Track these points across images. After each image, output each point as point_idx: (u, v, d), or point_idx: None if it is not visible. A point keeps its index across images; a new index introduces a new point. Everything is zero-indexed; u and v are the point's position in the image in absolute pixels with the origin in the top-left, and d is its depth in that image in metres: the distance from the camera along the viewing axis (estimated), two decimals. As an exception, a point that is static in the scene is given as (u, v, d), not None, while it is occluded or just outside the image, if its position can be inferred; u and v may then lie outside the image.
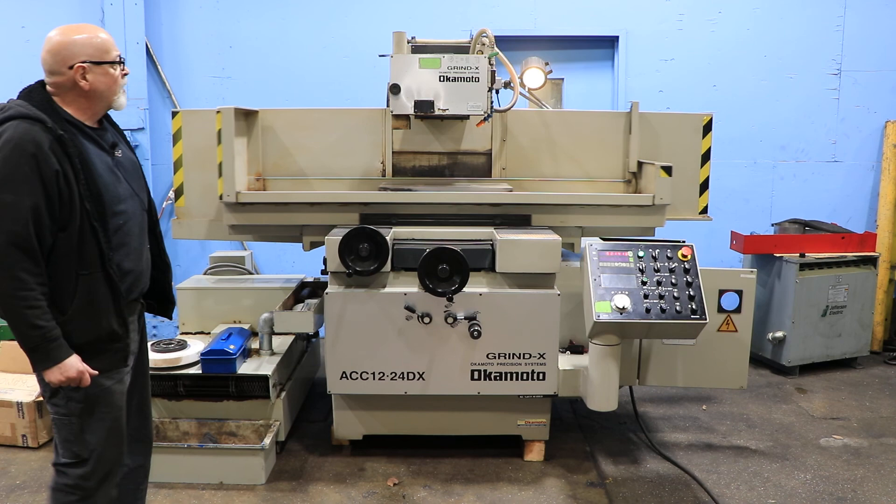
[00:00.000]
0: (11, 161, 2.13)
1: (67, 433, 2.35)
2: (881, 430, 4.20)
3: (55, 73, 2.28)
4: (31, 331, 2.19)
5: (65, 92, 2.30)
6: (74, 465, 2.36)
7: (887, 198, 5.68)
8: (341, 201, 3.74)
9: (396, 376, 3.49)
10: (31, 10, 5.80)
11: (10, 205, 2.12)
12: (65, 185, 2.18)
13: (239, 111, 3.73)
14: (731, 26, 5.79)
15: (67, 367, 2.24)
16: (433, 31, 4.61)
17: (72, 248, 2.23)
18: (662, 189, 3.70)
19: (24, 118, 2.18)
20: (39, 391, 3.80)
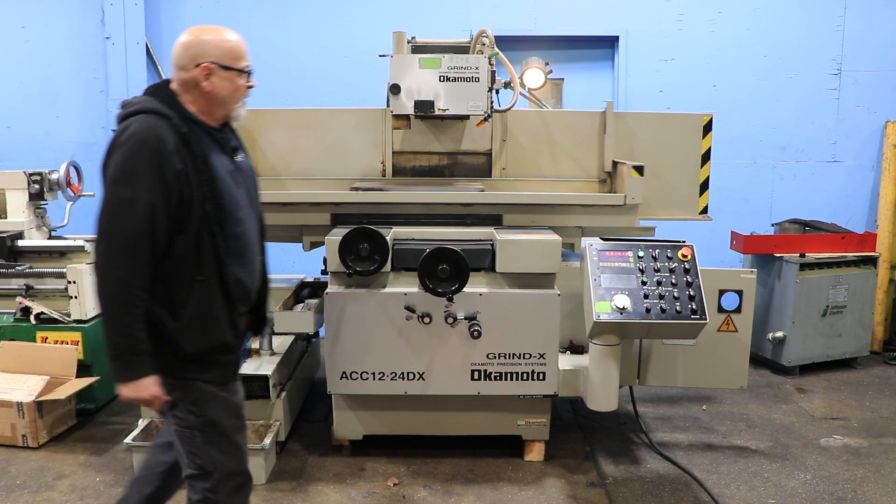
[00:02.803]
0: (134, 156, 2.06)
1: (190, 446, 2.27)
2: (881, 430, 4.20)
3: (182, 69, 2.22)
4: (121, 338, 2.09)
5: (188, 90, 2.23)
6: (200, 478, 2.28)
7: (887, 198, 5.68)
8: (314, 201, 3.73)
9: (396, 376, 3.49)
10: (31, 10, 5.80)
11: (128, 201, 2.04)
12: (186, 186, 2.10)
13: None
14: (731, 26, 5.79)
15: (143, 387, 2.12)
16: (433, 31, 4.61)
17: (189, 253, 2.14)
18: (634, 189, 3.69)
19: (150, 113, 2.12)
20: (38, 392, 3.81)
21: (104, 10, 5.67)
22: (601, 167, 4.09)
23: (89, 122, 5.87)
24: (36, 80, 5.87)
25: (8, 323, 4.23)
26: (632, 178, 3.68)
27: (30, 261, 4.38)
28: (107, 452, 3.85)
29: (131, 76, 5.69)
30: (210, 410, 2.26)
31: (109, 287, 2.06)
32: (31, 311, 4.19)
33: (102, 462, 3.74)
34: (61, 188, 4.54)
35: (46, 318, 4.18)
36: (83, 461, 3.74)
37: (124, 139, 2.08)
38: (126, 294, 2.06)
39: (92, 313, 4.27)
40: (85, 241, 4.34)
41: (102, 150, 2.17)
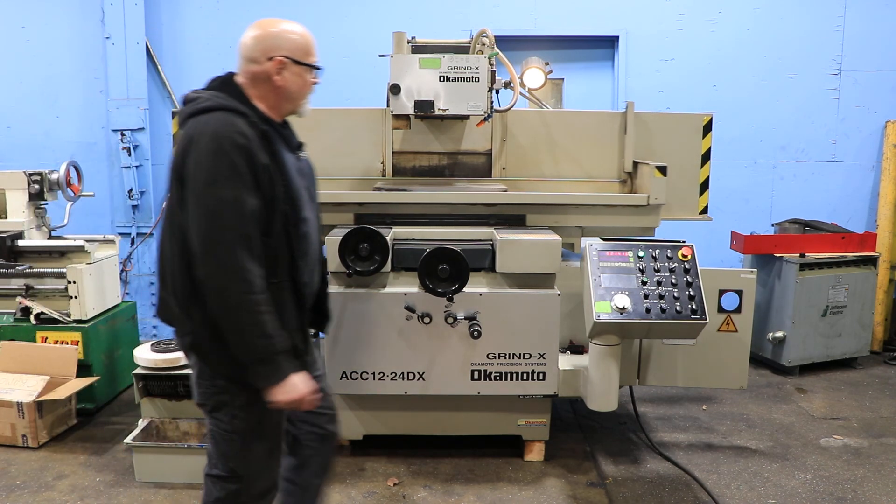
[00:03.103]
0: (223, 155, 1.96)
1: (227, 448, 2.20)
2: (881, 430, 4.20)
3: (253, 61, 2.16)
4: (262, 340, 1.99)
5: (257, 84, 2.17)
6: (229, 480, 2.22)
7: (887, 198, 5.68)
8: (337, 201, 3.73)
9: (396, 376, 3.49)
10: (31, 10, 5.80)
11: (231, 201, 1.95)
12: (270, 183, 2.04)
13: None
14: (731, 26, 5.79)
15: (294, 387, 2.06)
16: (433, 31, 4.61)
17: (268, 254, 2.07)
18: (657, 189, 3.70)
19: (225, 110, 2.05)
20: (38, 392, 3.81)
21: (104, 10, 5.67)
22: (621, 167, 4.09)
23: (89, 122, 5.87)
24: (36, 80, 5.87)
25: (8, 323, 4.23)
26: (655, 179, 3.68)
27: (30, 261, 4.38)
28: (107, 452, 3.85)
29: (131, 76, 5.69)
30: (255, 417, 2.18)
31: (235, 292, 1.96)
32: (31, 311, 4.19)
33: (102, 462, 3.74)
34: (61, 188, 4.54)
35: (46, 318, 4.18)
36: (83, 461, 3.74)
37: (207, 139, 1.98)
38: (253, 294, 1.98)
39: (92, 313, 4.28)
40: (85, 241, 4.34)
41: (102, 150, 2.16)
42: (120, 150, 5.70)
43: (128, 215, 5.81)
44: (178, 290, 2.10)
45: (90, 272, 4.26)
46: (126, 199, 5.76)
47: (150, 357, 3.67)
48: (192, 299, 2.06)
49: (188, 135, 2.03)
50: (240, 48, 2.16)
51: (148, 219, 5.85)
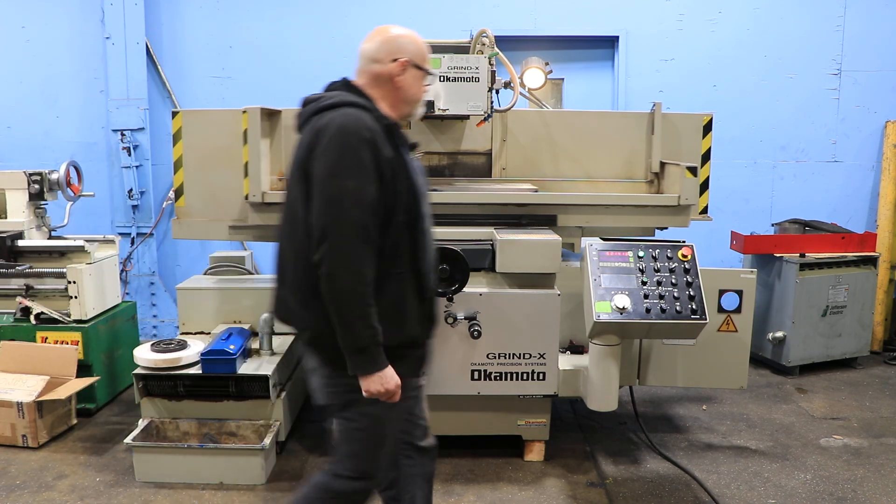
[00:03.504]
0: (349, 147, 2.02)
1: (358, 447, 2.22)
2: (881, 430, 4.20)
3: (377, 62, 2.22)
4: (367, 330, 2.02)
5: (379, 84, 2.23)
6: (356, 480, 2.23)
7: (887, 198, 5.68)
8: None
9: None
10: (31, 10, 5.81)
11: (353, 191, 2.00)
12: (396, 176, 2.10)
13: (264, 111, 3.71)
14: (731, 26, 5.79)
15: (388, 377, 2.08)
16: (433, 31, 4.59)
17: (391, 245, 2.12)
18: (688, 189, 3.68)
19: (352, 105, 2.11)
20: (38, 392, 3.81)
21: (104, 10, 5.67)
22: (648, 168, 4.08)
23: (89, 122, 5.87)
24: (36, 80, 5.87)
25: (8, 323, 4.23)
26: (685, 179, 3.67)
27: (30, 261, 4.38)
28: (107, 452, 3.85)
29: (131, 76, 5.69)
30: (384, 413, 2.20)
31: (348, 280, 2.00)
32: (31, 311, 4.19)
33: (102, 462, 3.74)
34: (61, 188, 4.54)
35: (46, 318, 4.18)
36: (83, 461, 3.74)
37: (333, 132, 2.04)
38: (364, 285, 2.02)
39: (92, 313, 4.28)
40: (85, 241, 4.34)
41: (102, 150, 2.18)
42: (120, 150, 5.70)
43: (128, 215, 5.81)
44: (298, 286, 2.15)
45: (90, 272, 4.26)
46: (126, 199, 5.76)
47: (150, 357, 3.67)
48: (313, 293, 2.08)
49: (314, 129, 2.10)
50: (362, 51, 2.25)
51: (148, 219, 5.85)
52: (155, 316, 5.95)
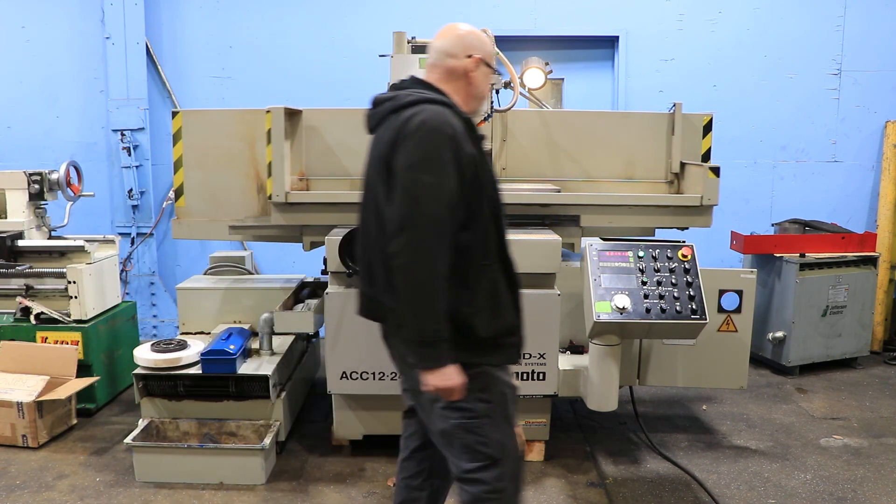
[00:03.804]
0: (431, 143, 2.04)
1: (475, 438, 2.20)
2: (881, 430, 4.20)
3: (452, 56, 2.27)
4: (434, 324, 2.03)
5: (453, 79, 2.27)
6: (487, 469, 2.20)
7: (887, 198, 5.68)
8: None
9: (396, 376, 3.47)
10: (31, 10, 5.81)
11: (431, 186, 2.01)
12: (478, 170, 2.13)
13: (287, 111, 3.70)
14: (731, 26, 5.80)
15: (451, 374, 2.08)
16: (433, 31, 4.60)
17: (479, 237, 2.15)
18: (710, 189, 3.66)
19: (433, 102, 2.13)
20: (38, 392, 3.81)
21: (104, 10, 5.67)
22: (668, 168, 4.07)
23: (89, 122, 5.87)
24: (36, 80, 5.87)
25: (8, 323, 4.23)
26: (708, 179, 3.65)
27: (30, 261, 4.39)
28: (107, 452, 3.85)
29: (131, 76, 5.69)
30: (497, 395, 2.22)
31: (420, 273, 2.01)
32: (31, 311, 4.19)
33: (102, 462, 3.74)
34: (61, 188, 4.54)
35: (46, 318, 4.18)
36: (83, 461, 3.74)
37: (415, 128, 2.06)
38: (436, 280, 2.02)
39: (92, 313, 4.28)
40: (85, 241, 4.34)
41: (102, 150, 2.18)
42: (120, 150, 5.70)
43: (128, 215, 5.81)
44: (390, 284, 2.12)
45: (90, 272, 4.26)
46: (126, 199, 5.76)
47: (150, 357, 3.68)
48: None
49: (395, 126, 2.11)
50: (436, 46, 2.31)
51: (148, 219, 5.85)
52: (155, 316, 5.95)
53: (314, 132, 3.98)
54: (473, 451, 2.21)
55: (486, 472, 2.20)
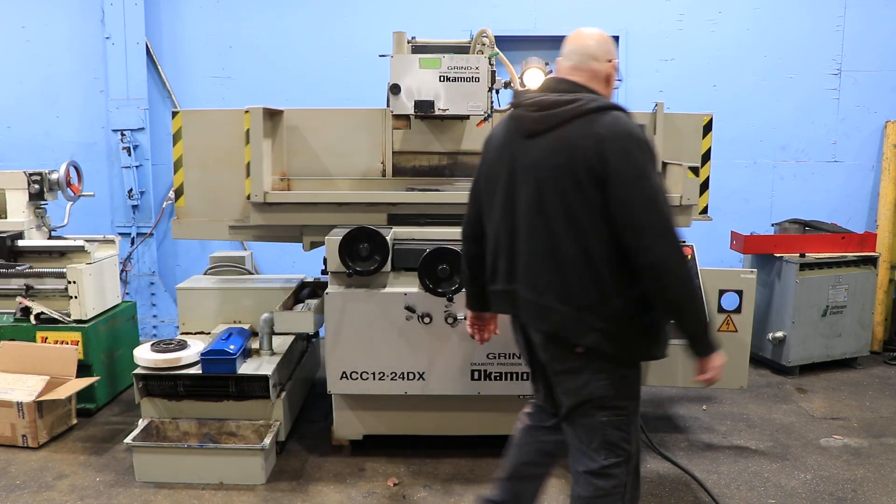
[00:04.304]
0: (644, 149, 2.13)
1: (620, 434, 2.28)
2: (881, 430, 4.20)
3: (597, 59, 2.31)
4: (703, 314, 2.21)
5: (596, 82, 2.31)
6: (623, 464, 2.29)
7: (887, 198, 5.68)
8: (369, 201, 3.72)
9: (396, 376, 3.49)
10: (31, 10, 5.81)
11: (661, 189, 2.13)
12: None
13: (266, 111, 3.72)
14: (731, 26, 5.79)
15: (720, 359, 2.23)
16: (433, 31, 4.62)
17: None
18: (689, 189, 3.67)
19: (616, 108, 2.20)
20: (38, 392, 3.81)
21: (104, 10, 5.67)
22: None
23: (89, 122, 5.87)
24: (36, 80, 5.87)
25: (8, 323, 4.23)
26: (687, 179, 3.66)
27: (30, 261, 4.39)
28: (107, 452, 3.85)
29: (131, 76, 5.69)
30: (638, 390, 2.36)
31: (687, 271, 2.13)
32: (31, 311, 4.19)
33: (102, 462, 3.74)
34: (61, 188, 4.54)
35: (46, 318, 4.18)
36: (83, 461, 3.74)
37: (625, 136, 2.12)
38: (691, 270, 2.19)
39: (92, 313, 4.28)
40: (85, 241, 4.34)
41: (102, 150, 2.17)
42: (120, 150, 5.70)
43: (128, 215, 5.81)
44: (576, 291, 2.17)
45: (90, 272, 4.26)
46: (126, 199, 5.76)
47: (150, 357, 3.68)
48: (601, 297, 2.16)
49: (595, 134, 2.12)
50: (579, 48, 2.31)
51: (148, 219, 5.85)
52: (155, 316, 5.95)
53: (296, 132, 4.00)
54: (615, 448, 2.28)
55: (621, 468, 2.28)
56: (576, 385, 2.28)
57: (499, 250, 2.37)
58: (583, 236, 2.14)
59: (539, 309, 2.26)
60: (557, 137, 2.17)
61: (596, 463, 2.29)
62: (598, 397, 2.26)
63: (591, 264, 2.15)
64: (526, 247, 2.26)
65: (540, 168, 2.20)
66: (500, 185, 2.32)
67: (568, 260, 2.17)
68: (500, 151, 2.35)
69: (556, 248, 2.18)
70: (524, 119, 2.27)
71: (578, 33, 2.35)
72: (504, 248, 2.34)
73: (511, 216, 2.29)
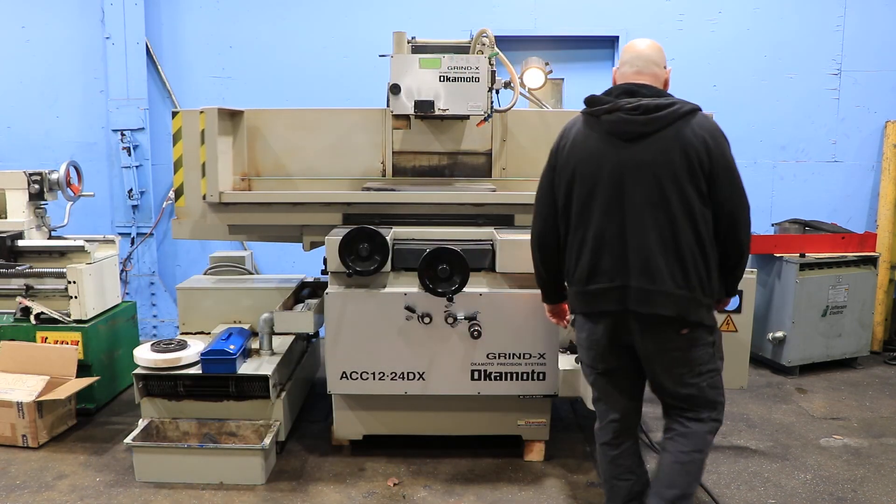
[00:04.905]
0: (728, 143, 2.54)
1: (718, 391, 2.67)
2: (881, 430, 4.20)
3: (657, 65, 2.57)
4: None
5: (659, 85, 2.58)
6: (721, 411, 2.70)
7: (887, 198, 5.68)
8: (324, 201, 3.73)
9: (396, 376, 3.49)
10: (31, 10, 5.81)
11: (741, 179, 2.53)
12: None
13: (223, 111, 3.74)
14: (731, 26, 5.80)
15: None
16: (433, 31, 4.62)
17: None
18: None
19: (699, 110, 2.50)
20: (38, 392, 3.81)
21: (104, 10, 5.67)
22: None
23: (89, 122, 5.87)
24: (36, 80, 5.87)
25: (8, 323, 4.23)
26: None
27: (30, 261, 4.39)
28: (107, 452, 3.85)
29: (131, 76, 5.69)
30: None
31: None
32: (31, 311, 4.19)
33: (102, 462, 3.74)
34: (61, 188, 4.54)
35: (46, 318, 4.18)
36: (83, 461, 3.74)
37: (719, 132, 2.52)
38: None
39: (92, 313, 4.28)
40: (85, 241, 4.34)
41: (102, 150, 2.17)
42: (120, 150, 5.70)
43: (128, 215, 5.81)
44: (692, 274, 2.45)
45: (90, 272, 4.26)
46: (126, 199, 5.76)
47: (150, 357, 3.68)
48: (708, 274, 2.49)
49: (700, 134, 2.44)
50: (646, 55, 2.56)
51: (148, 219, 5.85)
52: (155, 316, 5.95)
53: (257, 133, 4.01)
54: (716, 403, 2.66)
55: (721, 413, 2.70)
56: (685, 359, 2.56)
57: (602, 248, 2.51)
58: (696, 223, 2.43)
59: (660, 296, 2.45)
60: (667, 137, 2.42)
61: (703, 418, 2.65)
62: (703, 363, 2.58)
63: (702, 248, 2.45)
64: (641, 240, 2.45)
65: (657, 165, 2.42)
66: (603, 187, 2.49)
67: (686, 246, 2.43)
68: (598, 154, 2.50)
69: (676, 237, 2.42)
70: (630, 122, 2.44)
71: (636, 42, 2.60)
72: (610, 245, 2.49)
73: (621, 213, 2.46)
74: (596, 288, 2.55)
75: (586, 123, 2.58)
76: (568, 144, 2.61)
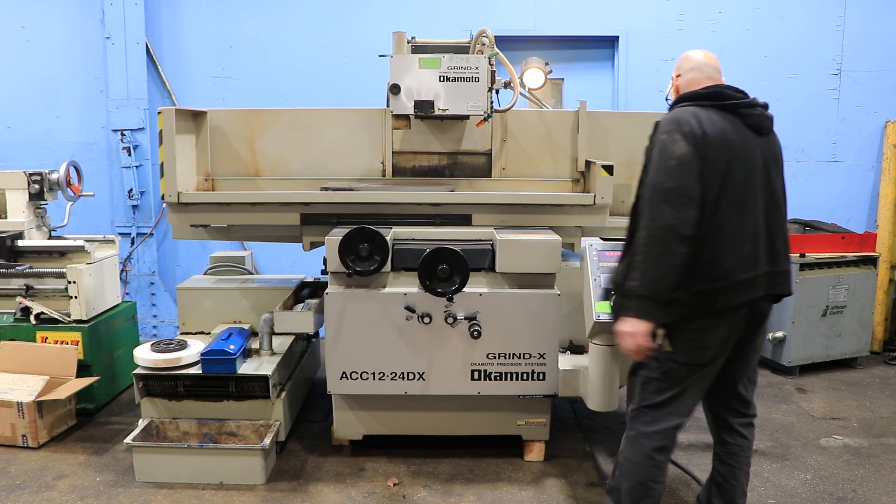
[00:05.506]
0: None
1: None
2: (881, 430, 4.20)
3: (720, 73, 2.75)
4: None
5: None
6: None
7: (887, 198, 5.68)
8: (281, 201, 3.74)
9: (396, 376, 3.49)
10: (31, 10, 5.81)
11: None
12: None
13: (183, 112, 3.79)
14: (731, 26, 5.80)
15: None
16: (433, 31, 4.62)
17: None
18: (604, 188, 3.67)
19: None
20: (38, 392, 3.81)
21: (104, 10, 5.67)
22: (574, 167, 4.09)
23: (89, 122, 5.87)
24: (36, 80, 5.87)
25: (8, 323, 4.23)
26: (601, 178, 3.66)
27: (30, 261, 4.39)
28: (107, 452, 3.85)
29: (131, 76, 5.69)
30: None
31: None
32: (31, 311, 4.19)
33: (102, 462, 3.74)
34: (61, 188, 4.54)
35: (46, 318, 4.18)
36: (83, 461, 3.74)
37: None
38: None
39: (92, 313, 4.28)
40: (85, 241, 4.34)
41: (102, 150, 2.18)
42: (120, 150, 5.71)
43: (128, 215, 5.82)
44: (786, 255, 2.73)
45: (90, 272, 4.26)
46: (126, 199, 5.77)
47: (150, 357, 3.68)
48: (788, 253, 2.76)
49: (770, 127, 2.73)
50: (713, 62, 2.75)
51: (148, 219, 5.85)
52: (155, 316, 5.95)
53: (219, 133, 4.02)
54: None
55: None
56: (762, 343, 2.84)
57: (758, 237, 2.60)
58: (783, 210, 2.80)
59: (786, 277, 2.70)
60: (774, 134, 2.75)
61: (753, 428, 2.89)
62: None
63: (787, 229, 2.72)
64: (781, 227, 2.74)
65: (777, 159, 2.76)
66: (756, 178, 2.63)
67: (781, 231, 2.74)
68: (750, 145, 2.60)
69: (785, 223, 2.78)
70: (766, 118, 2.67)
71: (707, 54, 2.78)
72: (763, 233, 2.63)
73: (772, 202, 2.70)
74: (752, 275, 2.56)
75: (720, 115, 2.53)
76: (714, 132, 2.47)
